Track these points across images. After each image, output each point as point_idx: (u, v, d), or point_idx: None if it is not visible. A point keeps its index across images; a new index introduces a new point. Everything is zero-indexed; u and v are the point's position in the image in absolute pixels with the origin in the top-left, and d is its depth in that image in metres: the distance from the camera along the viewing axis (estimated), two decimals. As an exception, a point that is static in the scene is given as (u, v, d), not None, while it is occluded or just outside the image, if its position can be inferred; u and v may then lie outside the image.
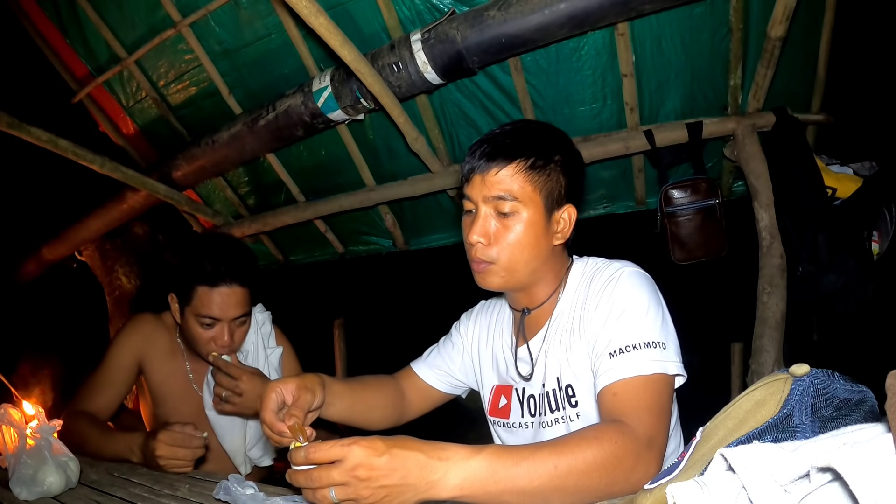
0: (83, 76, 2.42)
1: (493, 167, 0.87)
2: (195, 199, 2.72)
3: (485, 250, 0.89)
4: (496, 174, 0.87)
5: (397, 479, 0.59)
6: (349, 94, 1.83)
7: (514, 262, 0.89)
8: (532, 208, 0.88)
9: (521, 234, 0.88)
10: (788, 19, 1.52)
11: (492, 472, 0.62)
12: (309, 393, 0.85)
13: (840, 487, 0.38)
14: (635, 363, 0.78)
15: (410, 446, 0.62)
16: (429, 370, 1.13)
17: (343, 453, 0.59)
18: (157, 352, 1.44)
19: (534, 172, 0.87)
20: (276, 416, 0.80)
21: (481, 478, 0.62)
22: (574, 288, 0.95)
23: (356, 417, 1.00)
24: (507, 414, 1.01)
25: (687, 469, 0.51)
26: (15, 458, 0.97)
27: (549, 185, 0.89)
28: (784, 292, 1.67)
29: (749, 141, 1.80)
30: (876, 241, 1.64)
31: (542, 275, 0.95)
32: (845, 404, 0.47)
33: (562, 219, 0.92)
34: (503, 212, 0.88)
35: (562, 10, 1.51)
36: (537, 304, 0.98)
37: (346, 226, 2.74)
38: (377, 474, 0.59)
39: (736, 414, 0.51)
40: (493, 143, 0.89)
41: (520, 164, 0.87)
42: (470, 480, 0.61)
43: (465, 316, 1.17)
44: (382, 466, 0.59)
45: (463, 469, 0.61)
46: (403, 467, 0.59)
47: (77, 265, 3.31)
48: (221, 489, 0.76)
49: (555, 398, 0.93)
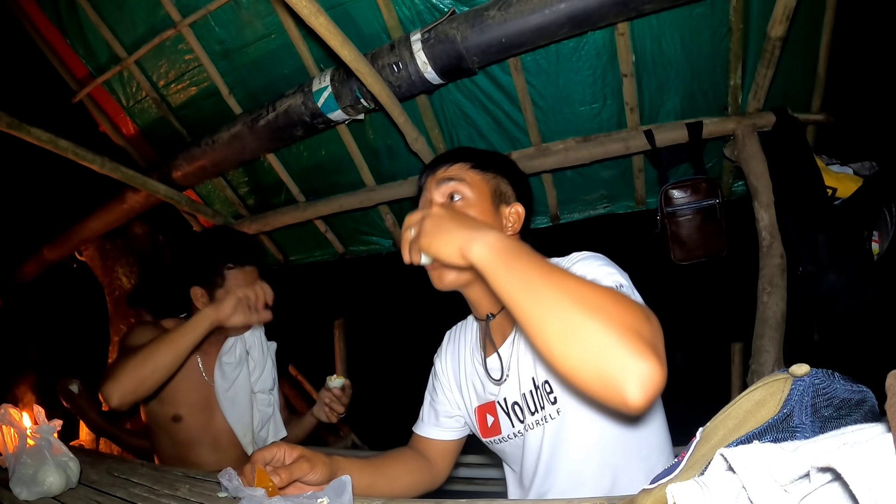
0: (83, 76, 2.42)
1: (442, 166, 0.99)
2: (195, 199, 2.72)
3: None
4: (445, 170, 0.98)
5: (451, 221, 0.74)
6: (349, 94, 1.83)
7: None
8: (479, 195, 0.96)
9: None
10: (788, 19, 1.52)
11: (518, 250, 0.68)
12: (307, 463, 0.83)
13: (840, 487, 0.38)
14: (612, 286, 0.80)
15: (466, 212, 0.83)
16: (432, 427, 1.11)
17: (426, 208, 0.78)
18: None
19: (478, 170, 0.98)
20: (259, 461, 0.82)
21: (507, 250, 0.68)
22: None
23: (381, 491, 0.96)
24: (498, 430, 1.00)
25: (687, 469, 0.51)
26: (15, 458, 0.97)
27: (494, 183, 0.99)
28: (784, 292, 1.67)
29: (749, 141, 1.80)
30: (876, 240, 1.64)
31: None
32: (845, 404, 0.47)
33: (510, 214, 1.00)
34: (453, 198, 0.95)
35: (562, 10, 1.51)
36: (499, 308, 0.97)
37: (346, 226, 2.74)
38: (442, 213, 0.75)
39: (736, 414, 0.51)
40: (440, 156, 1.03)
41: (464, 164, 0.99)
42: (499, 245, 0.68)
43: (437, 356, 1.17)
44: (447, 211, 0.76)
45: (499, 236, 0.70)
46: (459, 217, 0.75)
47: (77, 265, 3.31)
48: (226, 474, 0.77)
49: (533, 400, 0.94)
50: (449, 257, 0.72)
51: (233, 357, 1.52)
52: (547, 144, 2.09)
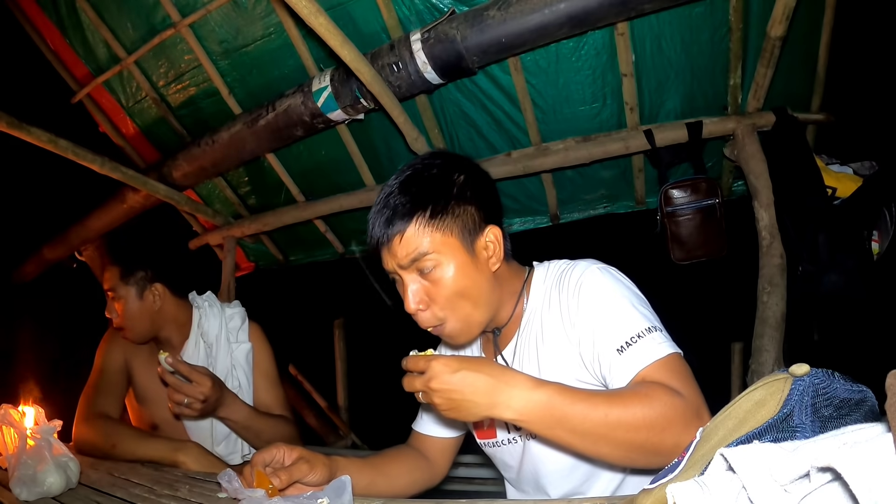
0: (83, 76, 2.42)
1: (395, 234, 0.83)
2: (195, 199, 2.72)
3: (429, 315, 0.86)
4: (400, 240, 0.83)
5: (465, 395, 0.70)
6: (349, 93, 1.83)
7: (461, 310, 0.86)
8: (451, 253, 0.84)
9: (453, 283, 0.84)
10: (788, 19, 1.52)
11: (550, 405, 0.68)
12: (306, 464, 0.83)
13: (840, 487, 0.38)
14: (648, 350, 0.77)
15: (481, 369, 0.71)
16: (431, 425, 1.10)
17: (425, 367, 0.72)
18: (139, 355, 1.50)
19: (436, 220, 0.83)
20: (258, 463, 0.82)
21: (539, 408, 0.68)
22: (539, 293, 0.94)
23: (380, 490, 0.96)
24: (493, 433, 1.00)
25: (687, 469, 0.51)
26: (15, 459, 0.97)
27: (459, 222, 0.85)
28: (784, 292, 1.67)
29: (749, 141, 1.80)
30: (876, 240, 1.64)
31: (498, 300, 0.92)
32: (845, 404, 0.47)
33: (487, 245, 0.88)
34: (424, 272, 0.84)
35: (561, 10, 1.51)
36: (505, 322, 0.96)
37: (346, 226, 2.74)
38: (448, 388, 0.70)
39: (736, 414, 0.51)
40: (385, 208, 0.85)
41: (419, 220, 0.83)
42: (529, 408, 0.68)
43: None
44: (453, 382, 0.70)
45: (525, 398, 0.69)
46: (472, 386, 0.69)
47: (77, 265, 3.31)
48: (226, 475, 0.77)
49: None
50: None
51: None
52: (547, 144, 2.09)
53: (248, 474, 0.79)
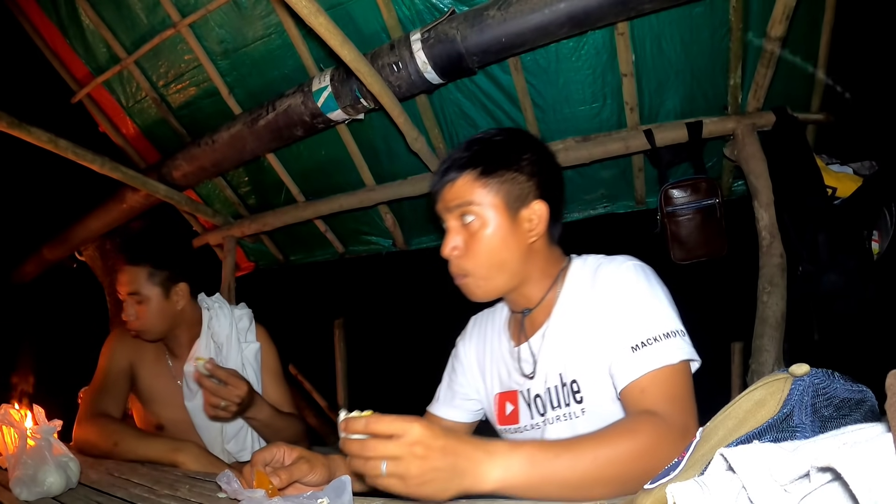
0: (83, 76, 2.42)
1: (448, 181, 0.93)
2: (195, 199, 2.72)
3: (458, 262, 0.92)
4: (451, 188, 0.92)
5: (448, 463, 0.62)
6: (349, 93, 1.83)
7: (488, 269, 0.91)
8: (492, 212, 0.90)
9: (487, 239, 0.90)
10: (788, 19, 1.52)
11: (532, 464, 0.65)
12: (306, 464, 0.83)
13: (840, 487, 0.38)
14: (660, 354, 0.79)
15: (460, 438, 0.66)
16: (449, 408, 1.11)
17: (404, 429, 0.62)
18: (145, 356, 1.52)
19: (486, 178, 0.91)
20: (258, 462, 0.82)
21: (523, 471, 0.65)
22: (575, 285, 0.95)
23: None
24: (515, 419, 1.00)
25: (687, 469, 0.51)
26: (15, 459, 0.97)
27: (507, 186, 0.91)
28: (784, 292, 1.67)
29: (749, 140, 1.80)
30: (876, 240, 1.64)
31: (528, 274, 0.95)
32: (845, 404, 0.47)
33: (530, 217, 0.93)
34: (465, 222, 0.91)
35: (562, 10, 1.50)
36: (535, 304, 0.97)
37: (346, 226, 2.74)
38: (432, 454, 0.62)
39: (736, 414, 0.51)
40: (448, 159, 0.95)
41: (470, 174, 0.91)
42: (512, 472, 0.64)
43: (460, 339, 1.17)
44: (438, 448, 0.62)
45: (505, 462, 0.65)
46: (455, 454, 0.63)
47: (77, 265, 3.31)
48: (225, 476, 0.77)
49: (557, 395, 0.93)
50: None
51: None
52: (547, 144, 2.08)
53: (247, 474, 0.79)
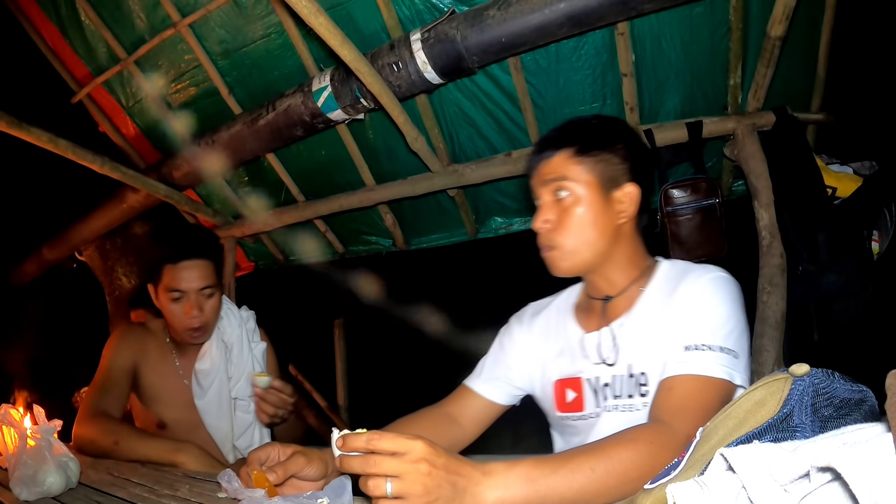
0: (83, 76, 2.42)
1: (544, 158, 0.97)
2: (195, 199, 2.72)
3: (548, 235, 0.95)
4: (547, 163, 0.96)
5: (450, 481, 0.61)
6: (349, 93, 1.83)
7: (576, 243, 0.94)
8: (585, 189, 0.93)
9: (579, 215, 0.93)
10: (788, 18, 1.52)
11: (530, 481, 0.64)
12: (302, 457, 0.82)
13: (840, 487, 0.38)
14: (703, 362, 0.79)
15: (459, 457, 0.64)
16: (487, 384, 1.09)
17: (408, 446, 0.61)
18: (150, 355, 1.51)
19: (582, 157, 0.94)
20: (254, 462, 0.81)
21: (521, 489, 0.64)
22: (660, 283, 0.96)
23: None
24: (580, 406, 0.98)
25: (687, 469, 0.51)
26: (15, 459, 0.97)
27: (601, 166, 0.94)
28: (784, 292, 1.67)
29: (749, 140, 1.80)
30: (876, 240, 1.64)
31: (613, 256, 0.96)
32: (845, 404, 0.47)
33: (622, 198, 0.95)
34: (559, 197, 0.94)
35: (561, 10, 1.50)
36: (618, 292, 0.98)
37: (345, 226, 2.74)
38: (436, 472, 0.61)
39: (736, 414, 0.51)
40: (544, 139, 1.00)
41: (566, 151, 0.95)
42: (511, 492, 0.64)
43: (517, 319, 1.14)
44: (441, 466, 0.61)
45: (503, 481, 0.64)
46: (456, 472, 0.62)
47: (77, 265, 3.31)
48: (225, 475, 0.77)
49: (621, 385, 0.93)
50: None
51: (207, 363, 1.51)
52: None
53: (244, 474, 0.79)
